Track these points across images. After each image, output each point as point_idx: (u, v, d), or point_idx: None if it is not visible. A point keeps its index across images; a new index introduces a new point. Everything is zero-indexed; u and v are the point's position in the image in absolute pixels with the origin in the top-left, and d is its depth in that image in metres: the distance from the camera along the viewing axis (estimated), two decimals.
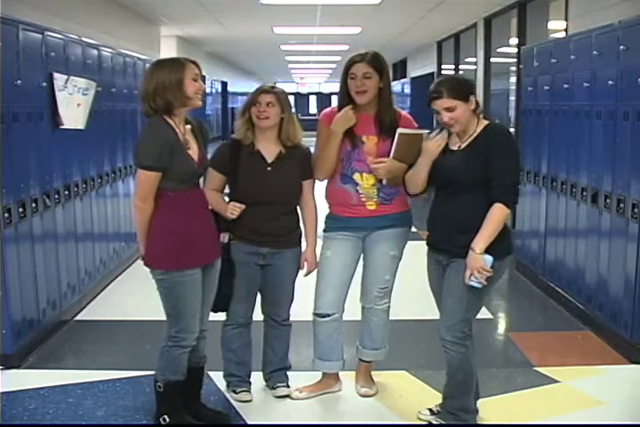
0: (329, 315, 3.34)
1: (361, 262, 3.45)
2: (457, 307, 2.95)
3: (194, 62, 2.97)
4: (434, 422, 3.15)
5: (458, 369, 3.00)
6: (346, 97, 3.27)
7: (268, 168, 3.29)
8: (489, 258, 2.85)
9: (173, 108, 2.89)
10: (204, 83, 3.03)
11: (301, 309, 3.58)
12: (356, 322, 3.52)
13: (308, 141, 3.34)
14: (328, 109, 3.44)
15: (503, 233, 2.92)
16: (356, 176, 3.30)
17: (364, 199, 3.30)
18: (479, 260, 2.85)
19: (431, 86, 2.96)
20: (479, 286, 2.86)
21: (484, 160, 2.88)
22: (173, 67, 2.90)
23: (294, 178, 3.34)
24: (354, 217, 3.32)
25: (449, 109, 2.89)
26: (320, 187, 3.45)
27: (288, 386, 3.51)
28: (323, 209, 3.43)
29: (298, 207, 3.41)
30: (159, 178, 2.87)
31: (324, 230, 3.41)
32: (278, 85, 3.39)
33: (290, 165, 3.31)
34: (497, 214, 2.88)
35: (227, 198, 3.35)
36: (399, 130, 3.13)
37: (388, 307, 3.46)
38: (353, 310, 3.48)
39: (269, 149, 3.31)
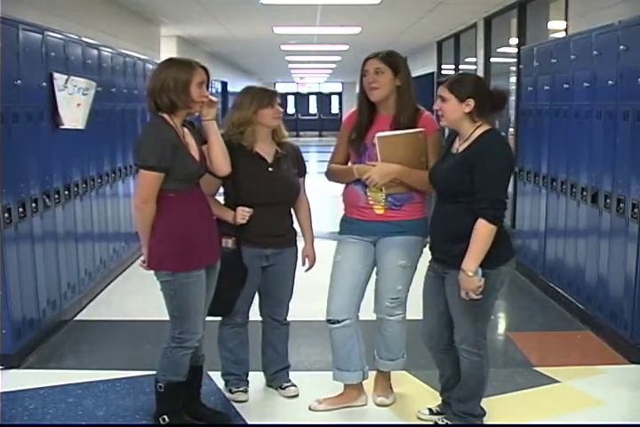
0: (339, 321, 3.25)
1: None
2: (465, 319, 2.94)
3: (204, 68, 2.94)
4: (440, 423, 3.15)
5: (470, 376, 3.01)
6: (363, 98, 3.24)
7: (270, 169, 3.29)
8: (480, 272, 2.79)
9: (176, 109, 2.89)
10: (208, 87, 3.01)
11: (301, 308, 3.57)
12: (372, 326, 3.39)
13: (309, 141, 3.33)
14: (350, 112, 3.42)
15: (495, 242, 2.80)
16: None
17: (371, 202, 3.22)
18: (473, 282, 2.79)
19: None
20: (478, 297, 2.82)
21: (472, 169, 2.80)
22: (182, 68, 2.88)
23: (294, 176, 3.38)
24: (362, 219, 3.25)
25: (442, 99, 2.89)
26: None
27: (295, 385, 3.52)
28: (319, 209, 3.37)
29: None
30: (162, 179, 2.85)
31: (338, 233, 3.37)
32: (278, 86, 3.40)
33: (287, 164, 3.35)
34: (480, 232, 2.77)
35: (222, 202, 3.33)
36: (377, 134, 3.11)
37: (403, 318, 3.30)
38: (371, 314, 3.36)
39: (266, 150, 3.31)
